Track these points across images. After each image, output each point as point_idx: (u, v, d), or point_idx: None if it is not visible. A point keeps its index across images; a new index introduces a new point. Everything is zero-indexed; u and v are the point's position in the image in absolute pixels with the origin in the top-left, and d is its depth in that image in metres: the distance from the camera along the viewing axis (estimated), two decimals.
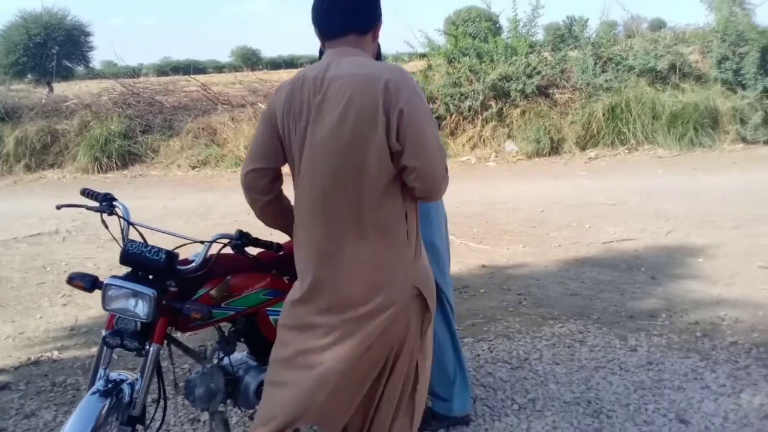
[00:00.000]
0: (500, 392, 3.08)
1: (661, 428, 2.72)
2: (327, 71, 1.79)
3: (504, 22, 12.61)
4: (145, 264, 2.05)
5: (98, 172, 10.71)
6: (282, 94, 1.87)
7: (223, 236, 2.21)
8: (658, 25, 17.04)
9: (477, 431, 2.77)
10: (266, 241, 2.26)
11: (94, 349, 3.79)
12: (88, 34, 26.23)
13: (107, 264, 5.46)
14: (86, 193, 2.41)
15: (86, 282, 2.10)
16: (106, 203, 2.29)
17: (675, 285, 4.49)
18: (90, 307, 4.52)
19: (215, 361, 2.39)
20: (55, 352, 3.82)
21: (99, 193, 2.36)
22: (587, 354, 3.46)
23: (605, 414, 2.85)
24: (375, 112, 1.71)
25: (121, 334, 2.05)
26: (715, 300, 4.17)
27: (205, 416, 2.91)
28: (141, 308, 2.01)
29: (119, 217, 2.26)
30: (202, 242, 2.21)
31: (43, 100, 12.91)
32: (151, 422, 2.23)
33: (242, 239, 2.20)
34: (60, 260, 5.78)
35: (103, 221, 2.24)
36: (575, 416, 2.85)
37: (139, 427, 2.10)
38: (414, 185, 1.80)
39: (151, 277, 2.08)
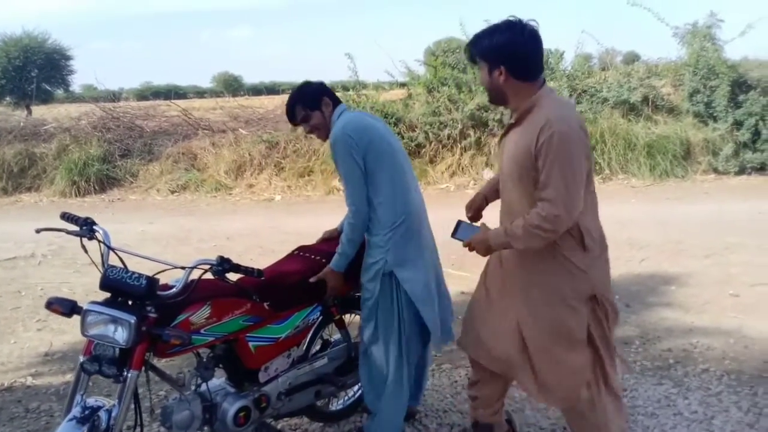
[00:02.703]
0: None
1: None
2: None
3: None
4: (125, 290, 2.06)
5: (76, 195, 10.63)
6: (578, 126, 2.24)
7: (204, 262, 2.21)
8: (631, 58, 17.42)
9: None
10: (247, 267, 2.26)
11: (69, 376, 3.76)
12: (68, 58, 26.15)
13: (83, 289, 5.41)
14: (66, 217, 2.41)
15: (64, 307, 2.09)
16: (86, 227, 2.30)
17: (648, 313, 4.57)
18: (65, 332, 4.47)
19: (193, 388, 2.39)
20: (29, 378, 3.78)
21: (79, 218, 2.36)
22: None
23: None
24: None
25: (99, 360, 2.05)
26: (688, 328, 4.25)
27: None
28: (120, 334, 2.02)
29: (99, 241, 2.26)
30: (182, 268, 2.22)
31: (22, 123, 12.82)
32: None
33: (223, 265, 2.19)
34: (35, 284, 5.71)
35: (83, 246, 2.25)
36: None
37: None
38: None
39: (130, 302, 2.08)
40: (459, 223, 2.53)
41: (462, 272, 5.64)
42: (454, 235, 2.51)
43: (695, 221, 7.35)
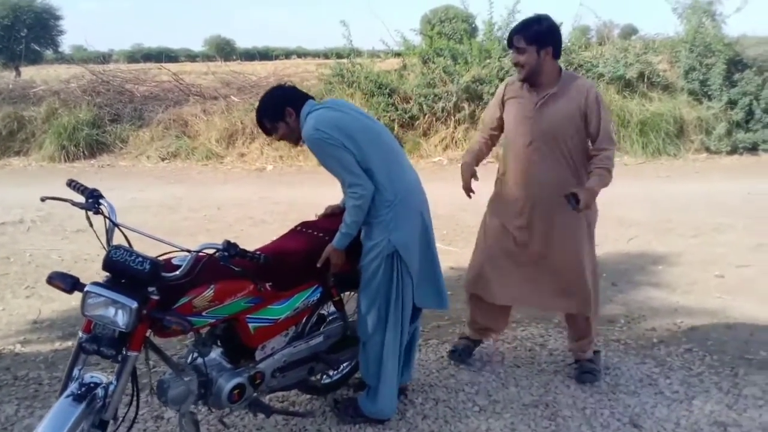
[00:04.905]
0: (461, 394, 3.16)
1: None
2: None
3: (480, 24, 12.72)
4: (128, 273, 2.02)
5: (65, 161, 10.50)
6: None
7: (210, 246, 2.17)
8: (629, 32, 17.33)
9: None
10: (253, 254, 2.22)
11: (57, 344, 3.78)
12: (58, 18, 25.82)
13: (72, 256, 5.40)
14: (72, 185, 2.36)
15: (66, 283, 2.06)
16: (93, 200, 2.25)
17: (634, 291, 4.62)
18: (53, 299, 4.47)
19: (189, 361, 2.40)
20: (18, 345, 3.78)
21: (86, 188, 2.31)
22: (547, 358, 3.56)
23: (561, 417, 2.94)
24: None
25: (99, 340, 2.04)
26: (673, 307, 4.30)
27: (169, 413, 2.92)
28: (121, 318, 2.00)
29: (105, 217, 2.22)
30: (188, 251, 2.18)
31: (11, 85, 12.61)
32: (121, 422, 2.23)
33: (229, 251, 2.14)
34: (24, 251, 5.69)
35: (88, 219, 2.21)
36: (533, 419, 2.93)
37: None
38: None
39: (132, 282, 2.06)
40: (568, 198, 2.85)
41: (451, 247, 5.68)
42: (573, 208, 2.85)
43: (685, 200, 7.39)
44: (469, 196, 3.23)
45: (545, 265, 3.12)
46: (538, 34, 2.92)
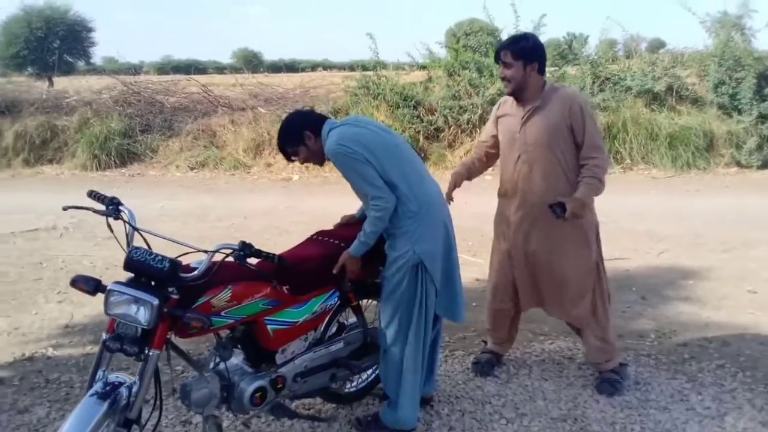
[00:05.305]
0: (488, 406, 3.13)
1: None
2: None
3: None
4: (148, 271, 2.10)
5: (97, 169, 10.73)
6: None
7: (226, 246, 2.25)
8: (657, 46, 17.17)
9: None
10: (268, 254, 2.29)
11: (89, 348, 3.84)
12: (90, 30, 26.38)
13: (103, 262, 5.49)
14: (93, 195, 2.45)
15: (89, 285, 2.14)
16: (113, 207, 2.33)
17: (665, 306, 4.55)
18: (85, 304, 4.54)
19: (211, 366, 2.43)
20: (50, 349, 3.85)
21: (105, 197, 2.39)
22: (576, 371, 3.51)
23: None
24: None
25: (122, 339, 2.10)
26: (704, 323, 4.23)
27: (197, 418, 2.94)
28: (142, 315, 2.06)
29: (125, 222, 2.30)
30: (205, 251, 2.25)
31: (44, 95, 12.93)
32: (146, 424, 2.26)
33: (244, 250, 2.23)
34: (56, 256, 5.81)
35: (109, 225, 2.30)
36: None
37: (134, 427, 2.15)
38: None
39: (153, 283, 2.12)
40: (553, 208, 2.93)
41: (477, 259, 5.65)
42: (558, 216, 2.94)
43: (715, 215, 7.27)
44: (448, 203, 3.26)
45: (543, 274, 3.20)
46: (525, 50, 3.02)
